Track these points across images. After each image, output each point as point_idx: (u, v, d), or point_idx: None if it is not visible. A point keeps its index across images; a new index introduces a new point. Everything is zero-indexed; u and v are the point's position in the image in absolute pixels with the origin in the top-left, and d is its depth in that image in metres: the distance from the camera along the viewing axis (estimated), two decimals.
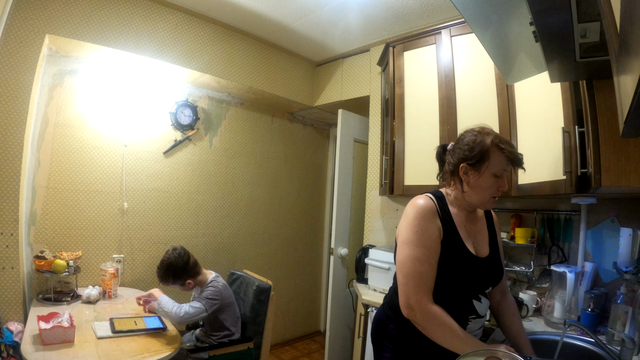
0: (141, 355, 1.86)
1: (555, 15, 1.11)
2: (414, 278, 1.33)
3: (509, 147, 1.40)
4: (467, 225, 1.49)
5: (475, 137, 1.44)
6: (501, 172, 1.39)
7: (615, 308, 1.79)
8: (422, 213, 1.38)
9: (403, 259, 1.37)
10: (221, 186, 3.80)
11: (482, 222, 1.59)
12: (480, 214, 1.61)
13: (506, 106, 2.27)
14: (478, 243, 1.50)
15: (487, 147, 1.40)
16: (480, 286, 1.45)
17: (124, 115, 3.11)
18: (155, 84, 3.31)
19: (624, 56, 0.65)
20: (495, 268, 1.50)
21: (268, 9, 3.11)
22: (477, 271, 1.42)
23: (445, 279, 1.37)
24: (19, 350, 1.83)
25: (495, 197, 1.42)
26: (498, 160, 1.39)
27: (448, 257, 1.38)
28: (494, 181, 1.39)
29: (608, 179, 1.51)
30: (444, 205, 1.46)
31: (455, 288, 1.38)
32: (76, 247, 2.83)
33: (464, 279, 1.39)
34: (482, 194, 1.41)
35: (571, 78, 1.62)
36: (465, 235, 1.45)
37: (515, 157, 1.39)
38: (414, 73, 2.73)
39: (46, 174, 2.74)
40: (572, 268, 2.06)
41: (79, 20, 2.58)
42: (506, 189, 1.39)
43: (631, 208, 2.09)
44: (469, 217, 1.52)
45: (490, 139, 1.41)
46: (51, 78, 2.76)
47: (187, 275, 2.45)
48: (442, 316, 1.30)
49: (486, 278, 1.47)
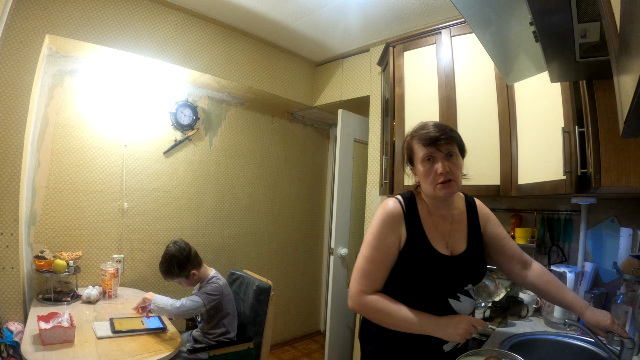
0: (141, 355, 1.86)
1: (555, 15, 1.10)
2: (359, 274, 1.39)
3: (420, 130, 1.43)
4: (440, 225, 1.46)
5: (404, 140, 1.52)
6: (426, 156, 1.39)
7: (615, 308, 1.80)
8: (386, 219, 1.41)
9: (358, 257, 1.43)
10: (221, 186, 3.80)
11: (461, 218, 1.53)
12: (461, 208, 1.55)
13: (506, 106, 2.27)
14: (454, 241, 1.46)
15: (408, 142, 1.47)
16: (456, 284, 1.42)
17: (124, 115, 3.12)
18: (155, 84, 3.31)
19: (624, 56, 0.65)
20: (472, 264, 1.46)
21: (268, 9, 3.11)
22: (448, 270, 1.40)
23: (414, 281, 1.37)
24: (19, 350, 1.83)
25: (442, 183, 1.36)
26: (418, 147, 1.42)
27: (414, 259, 1.38)
28: (428, 167, 1.38)
29: (608, 179, 1.51)
30: (413, 207, 1.46)
31: (425, 289, 1.38)
32: (76, 247, 2.83)
33: (433, 279, 1.38)
34: (426, 183, 1.40)
35: (571, 78, 1.62)
36: (435, 235, 1.44)
37: (423, 136, 1.40)
38: (414, 73, 2.73)
39: (46, 174, 2.74)
40: (572, 268, 2.06)
41: (79, 20, 2.58)
42: (443, 170, 1.34)
43: (631, 208, 2.09)
44: (442, 214, 1.49)
45: (410, 133, 1.48)
46: (51, 78, 2.76)
47: (191, 266, 2.46)
48: (375, 303, 1.35)
49: (461, 276, 1.43)
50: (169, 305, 2.28)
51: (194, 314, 2.43)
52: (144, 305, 2.30)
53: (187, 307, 2.32)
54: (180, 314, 2.32)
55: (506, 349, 1.61)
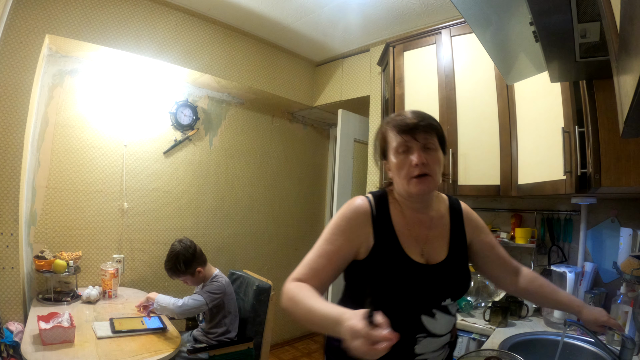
0: (141, 356, 1.86)
1: (555, 15, 1.11)
2: (301, 264, 1.20)
3: (396, 117, 1.26)
4: (415, 228, 1.25)
5: (376, 132, 1.36)
6: (401, 146, 1.20)
7: (615, 308, 1.80)
8: (349, 215, 1.22)
9: (309, 253, 1.22)
10: (221, 186, 3.80)
11: (441, 223, 1.32)
12: (442, 212, 1.34)
13: (506, 106, 2.27)
14: (432, 248, 1.24)
15: (382, 131, 1.30)
16: (431, 299, 1.19)
17: (124, 115, 3.12)
18: (155, 84, 3.31)
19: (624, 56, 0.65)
20: (452, 276, 1.24)
21: (268, 9, 3.11)
22: (422, 281, 1.18)
23: (381, 292, 1.15)
24: (19, 350, 1.83)
25: (416, 177, 1.17)
26: (392, 136, 1.24)
27: (382, 266, 1.17)
28: (402, 159, 1.19)
29: (608, 179, 1.51)
30: (384, 207, 1.27)
31: (394, 302, 1.15)
32: (76, 247, 2.83)
33: (403, 290, 1.16)
34: (399, 177, 1.21)
35: (571, 78, 1.62)
36: (408, 240, 1.22)
37: (398, 123, 1.22)
38: (414, 73, 2.73)
39: (46, 174, 2.74)
40: (572, 268, 2.06)
41: (79, 20, 2.58)
42: (418, 160, 1.15)
43: (631, 208, 2.09)
44: (418, 217, 1.28)
45: (384, 121, 1.31)
46: (51, 78, 2.76)
47: (196, 263, 2.47)
48: (292, 290, 1.13)
49: (438, 289, 1.20)
50: (171, 304, 2.29)
51: (196, 312, 2.43)
52: (146, 304, 2.30)
53: (190, 306, 2.32)
54: (182, 312, 2.32)
55: (506, 349, 1.61)
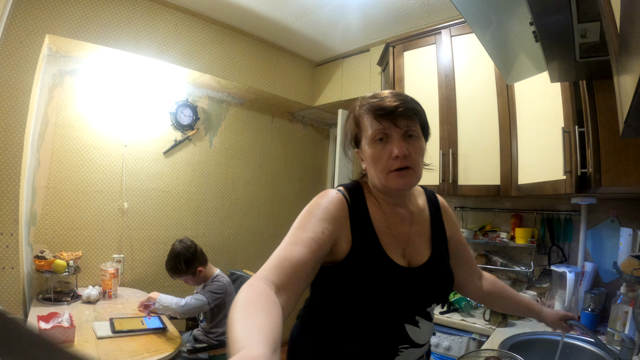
0: (141, 355, 1.86)
1: (555, 15, 1.11)
2: (272, 259, 0.88)
3: (372, 99, 1.08)
4: (396, 227, 1.10)
5: (347, 116, 1.17)
6: (378, 133, 1.03)
7: (615, 308, 1.80)
8: (331, 206, 1.03)
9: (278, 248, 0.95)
10: (221, 186, 3.80)
11: (422, 218, 1.18)
12: (421, 206, 1.20)
13: (506, 106, 2.27)
14: (413, 248, 1.10)
15: (355, 115, 1.12)
16: (416, 306, 1.05)
17: (124, 115, 3.12)
18: (155, 84, 3.31)
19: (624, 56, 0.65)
20: (437, 278, 1.09)
21: (268, 9, 3.11)
22: (407, 287, 1.03)
23: (361, 301, 0.99)
24: None
25: (396, 170, 1.02)
26: (367, 121, 1.07)
27: (362, 271, 1.00)
28: (380, 149, 1.03)
29: (608, 179, 1.51)
30: (360, 202, 1.09)
31: (376, 312, 1.00)
32: (76, 247, 2.83)
33: (387, 299, 1.00)
34: (376, 170, 1.05)
35: (571, 78, 1.62)
36: (389, 239, 1.07)
37: (375, 106, 1.04)
38: (414, 73, 2.73)
39: (46, 174, 2.74)
40: (572, 268, 2.06)
41: (79, 20, 2.58)
42: (400, 152, 1.00)
43: (631, 208, 2.09)
44: (399, 213, 1.13)
45: (358, 103, 1.13)
46: (51, 78, 2.76)
47: (197, 263, 2.48)
48: (243, 292, 0.74)
49: (423, 294, 1.06)
50: (173, 304, 2.29)
51: (198, 312, 2.43)
52: (148, 304, 2.31)
53: (192, 306, 2.33)
54: (185, 312, 2.32)
55: (506, 349, 1.61)
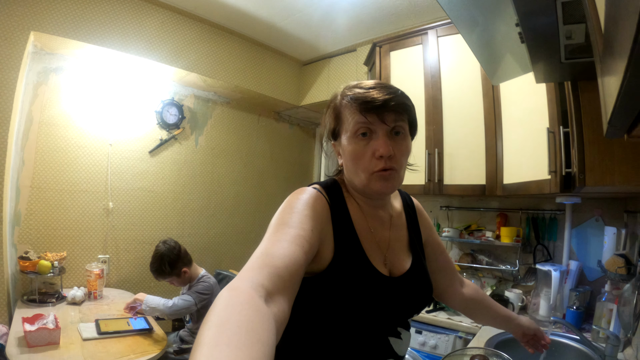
0: (127, 357, 1.84)
1: (541, 16, 1.12)
2: (257, 257, 0.70)
3: (356, 88, 0.95)
4: (378, 231, 1.01)
5: (327, 105, 1.04)
6: (361, 128, 0.92)
7: (600, 305, 1.83)
8: (314, 203, 0.91)
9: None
10: (207, 185, 3.77)
11: (400, 222, 1.09)
12: (398, 209, 1.11)
13: (492, 106, 2.29)
14: (394, 255, 1.00)
15: (335, 105, 1.00)
16: (398, 316, 0.97)
17: (110, 113, 3.07)
18: (141, 83, 3.27)
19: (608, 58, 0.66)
20: (419, 287, 1.01)
21: (255, 8, 3.09)
22: (390, 298, 0.93)
23: (343, 314, 0.88)
24: (3, 353, 1.80)
25: (381, 171, 0.91)
26: (350, 113, 0.94)
27: (344, 281, 0.88)
28: (362, 145, 0.92)
29: (592, 179, 1.53)
30: (340, 202, 0.98)
31: (360, 325, 0.90)
32: (61, 248, 2.79)
33: (371, 310, 0.90)
34: (356, 169, 0.94)
35: (556, 79, 1.64)
36: (372, 246, 0.97)
37: (360, 98, 0.91)
38: (401, 73, 2.74)
39: (30, 174, 2.69)
40: (557, 266, 2.09)
41: (65, 17, 2.54)
42: (385, 151, 0.89)
43: (615, 207, 2.13)
44: (379, 216, 1.03)
45: (340, 92, 1.00)
46: (36, 76, 2.71)
47: (181, 264, 2.46)
48: (221, 298, 0.54)
49: (406, 304, 0.98)
50: (160, 305, 2.27)
51: (185, 313, 2.41)
52: (134, 305, 2.28)
53: (179, 307, 2.31)
54: (172, 313, 2.30)
55: (492, 347, 1.62)
